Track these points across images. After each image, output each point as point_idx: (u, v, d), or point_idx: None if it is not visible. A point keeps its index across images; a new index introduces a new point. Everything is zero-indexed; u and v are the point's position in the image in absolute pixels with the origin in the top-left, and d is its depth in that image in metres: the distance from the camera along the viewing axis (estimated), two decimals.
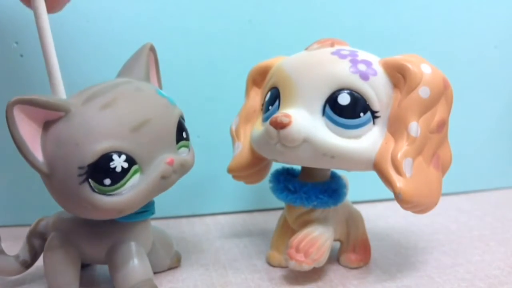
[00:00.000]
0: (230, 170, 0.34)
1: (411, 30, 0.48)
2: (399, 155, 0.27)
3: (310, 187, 0.31)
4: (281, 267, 0.34)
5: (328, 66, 0.28)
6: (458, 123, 0.38)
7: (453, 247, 0.38)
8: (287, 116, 0.27)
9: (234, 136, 0.35)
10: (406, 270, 0.33)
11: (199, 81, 0.44)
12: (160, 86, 0.32)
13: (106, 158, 0.24)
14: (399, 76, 0.28)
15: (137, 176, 0.25)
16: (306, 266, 0.30)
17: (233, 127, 0.35)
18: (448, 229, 0.42)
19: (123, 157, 0.24)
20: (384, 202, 0.49)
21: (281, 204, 0.33)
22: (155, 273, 0.31)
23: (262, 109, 0.33)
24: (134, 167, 0.25)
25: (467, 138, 0.52)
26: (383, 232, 0.41)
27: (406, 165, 0.27)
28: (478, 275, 0.33)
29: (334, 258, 0.35)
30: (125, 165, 0.25)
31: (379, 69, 0.28)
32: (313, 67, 0.29)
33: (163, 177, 0.26)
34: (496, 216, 0.45)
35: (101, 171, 0.24)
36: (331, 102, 0.27)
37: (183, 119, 0.29)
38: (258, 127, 0.32)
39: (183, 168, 0.28)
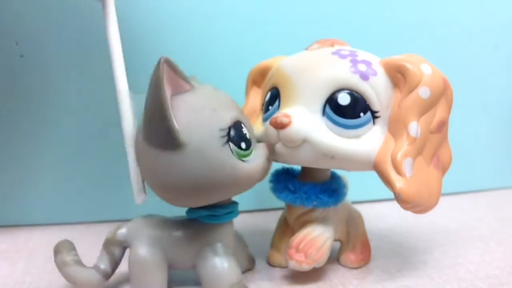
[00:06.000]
0: None
1: (411, 30, 0.48)
2: (399, 155, 0.27)
3: (310, 187, 0.31)
4: (281, 267, 0.34)
5: (328, 66, 0.28)
6: (458, 123, 0.38)
7: (453, 247, 0.38)
8: (287, 116, 0.27)
9: None
10: (406, 270, 0.33)
11: (198, 81, 0.44)
12: None
13: (239, 123, 0.27)
14: (399, 76, 0.28)
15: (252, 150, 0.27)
16: (306, 266, 0.30)
17: None
18: (448, 229, 0.42)
19: (245, 128, 0.27)
20: (384, 202, 0.49)
21: (281, 204, 0.33)
22: None
23: (262, 109, 0.32)
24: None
25: (467, 138, 0.52)
26: (383, 232, 0.41)
27: (406, 165, 0.27)
28: (478, 275, 0.33)
29: (334, 258, 0.35)
30: (248, 135, 0.27)
31: (379, 69, 0.28)
32: (313, 67, 0.29)
33: (267, 158, 0.28)
34: (496, 216, 0.45)
35: (237, 134, 0.26)
36: (331, 102, 0.27)
37: None
38: (258, 127, 0.32)
39: None
